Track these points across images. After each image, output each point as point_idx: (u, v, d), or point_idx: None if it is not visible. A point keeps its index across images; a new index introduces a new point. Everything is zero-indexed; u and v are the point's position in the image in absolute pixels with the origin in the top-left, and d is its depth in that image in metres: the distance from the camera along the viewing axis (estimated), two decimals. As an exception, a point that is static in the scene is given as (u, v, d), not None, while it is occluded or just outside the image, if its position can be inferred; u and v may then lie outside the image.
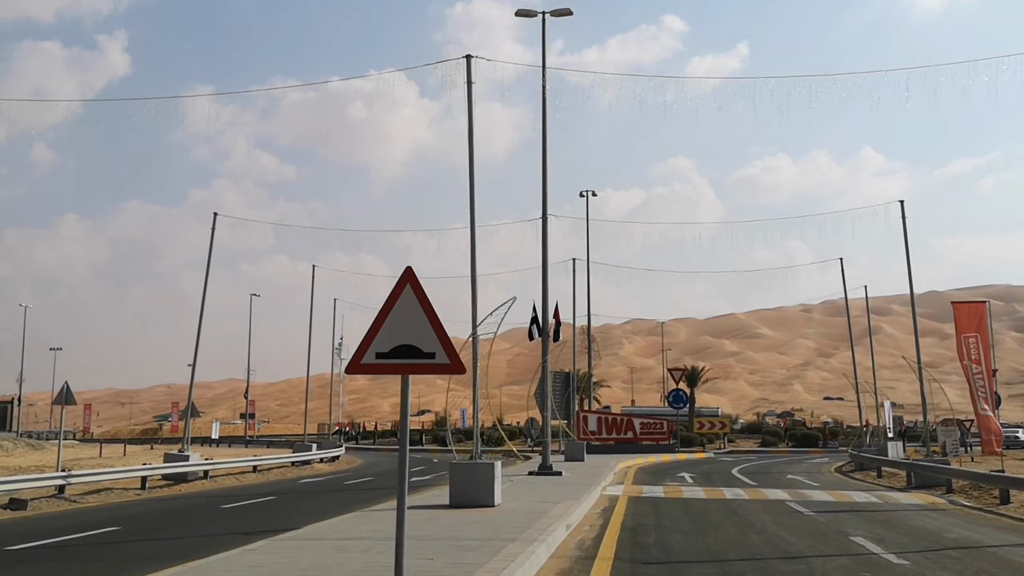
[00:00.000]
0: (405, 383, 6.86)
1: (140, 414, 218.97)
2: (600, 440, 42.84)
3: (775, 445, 52.15)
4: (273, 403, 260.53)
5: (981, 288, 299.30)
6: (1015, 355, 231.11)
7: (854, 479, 27.68)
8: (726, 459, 39.92)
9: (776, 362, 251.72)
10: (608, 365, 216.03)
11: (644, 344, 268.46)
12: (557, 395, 37.78)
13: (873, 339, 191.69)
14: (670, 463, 35.87)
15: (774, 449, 49.97)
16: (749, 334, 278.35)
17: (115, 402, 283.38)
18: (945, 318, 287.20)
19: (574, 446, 32.95)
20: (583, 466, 29.42)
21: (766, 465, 34.80)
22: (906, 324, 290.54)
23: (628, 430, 42.22)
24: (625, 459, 35.13)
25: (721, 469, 31.75)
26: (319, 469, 34.22)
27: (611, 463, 31.49)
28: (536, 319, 25.33)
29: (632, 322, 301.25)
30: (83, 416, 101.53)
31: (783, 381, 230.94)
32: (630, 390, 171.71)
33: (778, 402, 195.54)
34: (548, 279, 24.89)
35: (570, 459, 32.74)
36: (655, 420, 43.59)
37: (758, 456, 42.93)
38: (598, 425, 42.01)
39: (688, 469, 31.34)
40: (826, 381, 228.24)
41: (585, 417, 42.25)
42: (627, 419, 42.85)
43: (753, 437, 58.87)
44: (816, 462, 37.67)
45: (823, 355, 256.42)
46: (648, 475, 27.69)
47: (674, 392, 42.91)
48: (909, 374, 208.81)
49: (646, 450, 41.68)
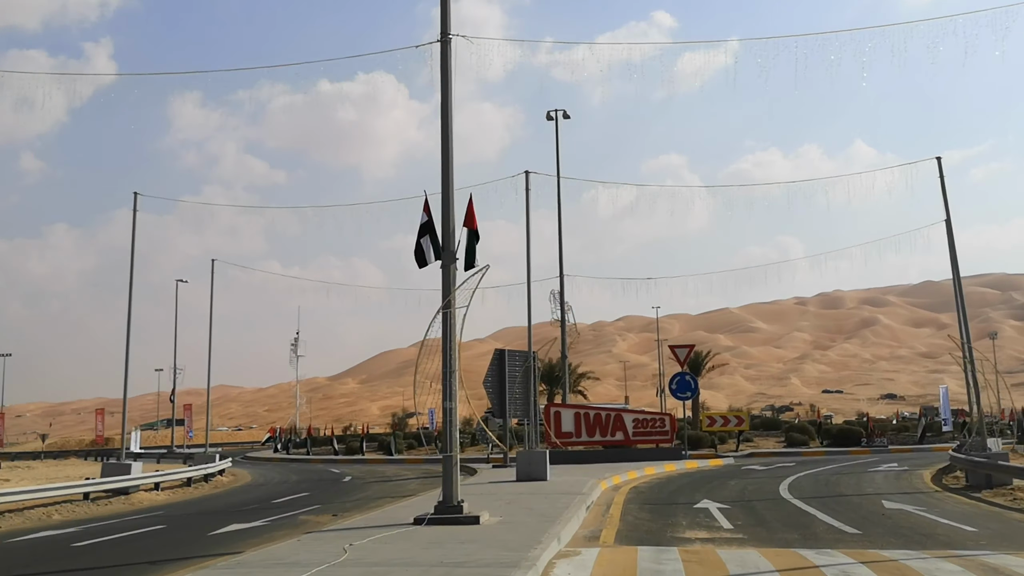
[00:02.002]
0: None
1: (126, 423, 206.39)
2: (580, 445, 30.74)
3: (804, 444, 40.11)
4: (261, 408, 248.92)
5: (978, 277, 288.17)
6: (1014, 343, 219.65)
7: (998, 505, 15.75)
8: (754, 467, 27.83)
9: (772, 356, 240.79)
10: (601, 362, 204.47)
11: (637, 341, 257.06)
12: (516, 385, 25.66)
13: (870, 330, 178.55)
14: (678, 477, 23.82)
15: (806, 450, 37.92)
16: (744, 328, 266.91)
17: (105, 411, 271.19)
18: (942, 308, 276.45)
19: (530, 458, 20.84)
20: (538, 491, 17.37)
21: (821, 478, 22.76)
22: (903, 315, 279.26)
23: (617, 430, 30.22)
24: (612, 472, 23.15)
25: (761, 488, 19.76)
26: (139, 502, 21.94)
27: (588, 482, 19.43)
28: (431, 226, 13.32)
29: (625, 319, 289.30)
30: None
31: (780, 375, 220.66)
32: (623, 387, 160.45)
33: (776, 396, 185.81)
34: (451, 132, 12.98)
35: (525, 478, 20.65)
36: (653, 416, 31.54)
37: (793, 461, 30.89)
38: (576, 424, 29.94)
39: (709, 490, 19.32)
40: (824, 374, 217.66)
41: (557, 414, 30.17)
42: (615, 415, 30.75)
43: (771, 434, 46.77)
44: (888, 470, 25.55)
45: (820, 348, 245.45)
46: (648, 510, 15.66)
47: (678, 377, 30.82)
48: (908, 364, 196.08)
49: (642, 457, 29.67)
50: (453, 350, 12.78)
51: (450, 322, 12.82)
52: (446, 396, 12.75)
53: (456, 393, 12.78)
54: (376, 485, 25.16)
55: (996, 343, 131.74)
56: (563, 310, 30.92)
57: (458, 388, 12.83)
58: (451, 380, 12.71)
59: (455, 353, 12.81)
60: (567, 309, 31.07)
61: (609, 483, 21.00)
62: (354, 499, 20.43)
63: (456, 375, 12.78)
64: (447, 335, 12.80)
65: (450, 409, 12.74)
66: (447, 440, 12.75)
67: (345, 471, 32.90)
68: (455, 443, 12.77)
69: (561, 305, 31.15)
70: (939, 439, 41.76)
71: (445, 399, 12.76)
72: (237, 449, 62.61)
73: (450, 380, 12.70)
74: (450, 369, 12.74)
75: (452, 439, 12.72)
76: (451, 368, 12.73)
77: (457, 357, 12.82)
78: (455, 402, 12.79)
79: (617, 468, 25.07)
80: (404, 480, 27.08)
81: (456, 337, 12.87)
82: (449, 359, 12.75)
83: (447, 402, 12.75)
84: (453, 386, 12.70)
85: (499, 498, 16.26)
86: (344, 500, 20.29)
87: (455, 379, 12.75)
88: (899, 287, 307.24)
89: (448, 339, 12.78)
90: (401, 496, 19.96)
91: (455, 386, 12.74)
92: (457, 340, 12.88)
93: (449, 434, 12.73)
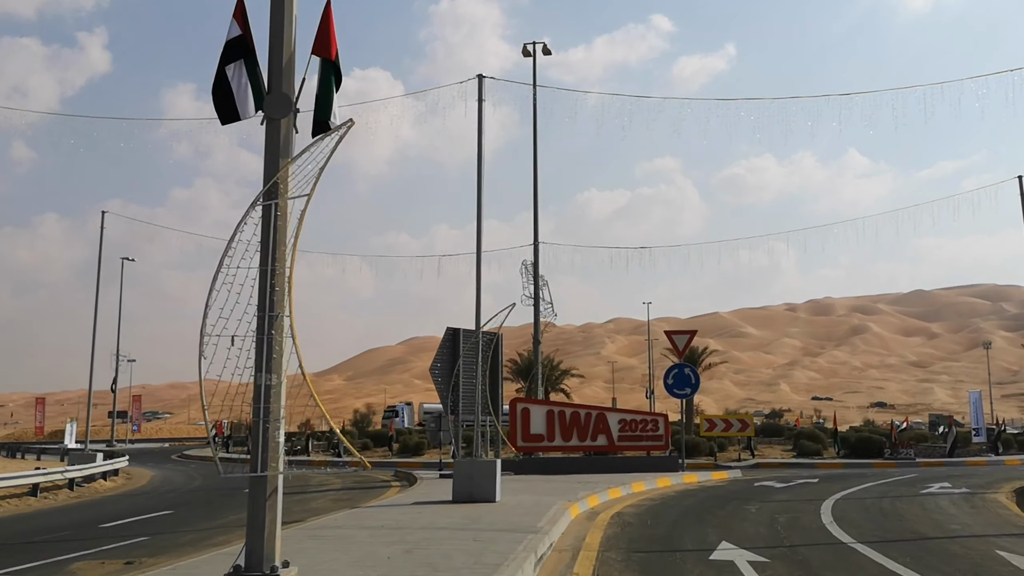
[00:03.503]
0: None
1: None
2: (553, 451, 24.63)
3: (817, 454, 34.03)
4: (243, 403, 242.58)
5: (968, 287, 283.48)
6: (1005, 354, 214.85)
7: None
8: (770, 484, 21.67)
9: (762, 361, 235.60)
10: (590, 364, 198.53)
11: (627, 343, 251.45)
12: (468, 371, 19.49)
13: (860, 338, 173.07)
14: (677, 498, 17.65)
15: (821, 461, 31.86)
16: (734, 333, 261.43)
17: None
18: (932, 317, 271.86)
19: (471, 471, 14.61)
20: (472, 523, 11.13)
21: (868, 503, 16.68)
22: (893, 323, 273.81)
23: (599, 433, 24.12)
24: (588, 488, 17.05)
25: (797, 519, 13.61)
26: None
27: (553, 506, 13.32)
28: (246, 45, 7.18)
29: (615, 321, 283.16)
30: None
31: (769, 381, 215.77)
32: (611, 389, 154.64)
33: (765, 402, 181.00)
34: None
35: (464, 499, 14.47)
36: (644, 418, 25.44)
37: (814, 476, 24.81)
38: (548, 424, 23.80)
39: (725, 523, 13.19)
40: (813, 381, 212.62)
41: (526, 411, 23.97)
42: (597, 415, 24.59)
43: (774, 441, 40.73)
44: (945, 492, 19.35)
45: (809, 354, 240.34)
46: (638, 564, 9.48)
47: (676, 370, 24.68)
48: (899, 373, 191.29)
49: (629, 466, 23.59)
50: (280, 273, 6.65)
51: (275, 222, 6.69)
52: (261, 363, 6.61)
53: (283, 359, 6.65)
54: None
55: (988, 354, 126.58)
56: (536, 285, 24.80)
57: (291, 347, 6.69)
58: (269, 334, 6.57)
59: (286, 283, 6.67)
60: (542, 285, 24.97)
61: (583, 506, 14.89)
62: (217, 524, 14.29)
63: (285, 323, 6.65)
64: (269, 246, 6.67)
65: (270, 387, 6.61)
66: (256, 447, 6.59)
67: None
68: (277, 453, 6.62)
69: (535, 279, 24.99)
70: (966, 451, 35.89)
71: (260, 368, 6.62)
72: (180, 446, 56.42)
73: (268, 335, 6.57)
74: (270, 313, 6.60)
75: (268, 445, 6.57)
76: (272, 311, 6.60)
77: (288, 291, 6.66)
78: (281, 374, 6.65)
79: (596, 482, 18.96)
80: (322, 491, 20.92)
81: (289, 251, 6.73)
82: (269, 293, 6.61)
83: (263, 375, 6.61)
84: (272, 345, 6.57)
85: (392, 540, 10.07)
86: (201, 526, 14.14)
87: (282, 329, 6.62)
88: (889, 295, 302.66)
89: (270, 251, 6.64)
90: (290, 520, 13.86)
91: (280, 343, 6.61)
92: (289, 255, 6.73)
93: (262, 436, 6.57)
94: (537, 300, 24.65)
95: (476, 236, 16.45)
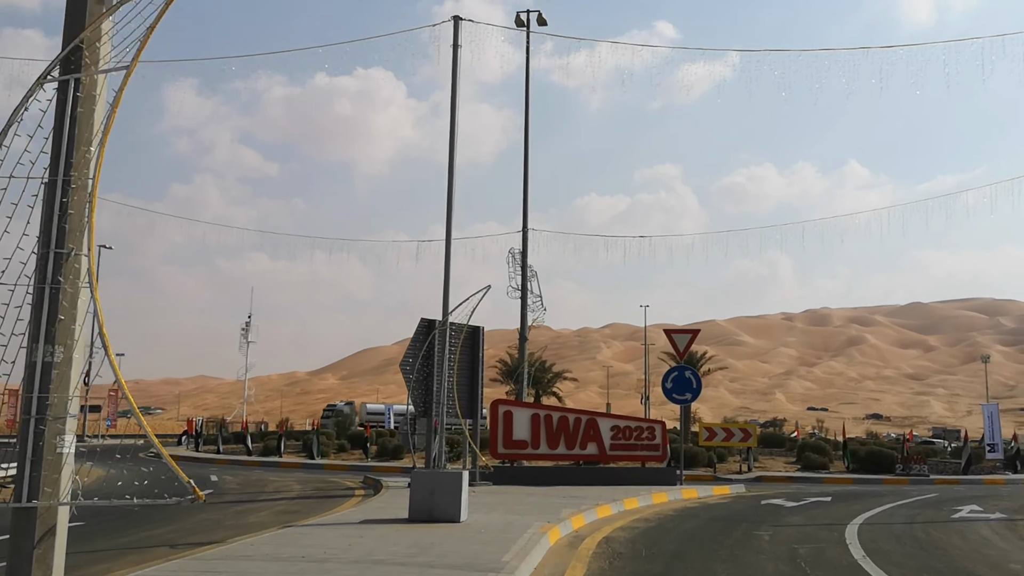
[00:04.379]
0: None
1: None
2: (537, 459, 22.18)
3: (824, 468, 31.55)
4: (237, 400, 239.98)
5: (966, 301, 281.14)
6: (1002, 368, 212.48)
7: None
8: (779, 502, 19.20)
9: (758, 370, 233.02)
10: (585, 369, 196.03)
11: (623, 349, 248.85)
12: (451, 369, 17.02)
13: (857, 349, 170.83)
14: (676, 520, 15.19)
15: (828, 476, 29.37)
16: (730, 341, 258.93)
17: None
18: (930, 330, 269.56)
19: (432, 484, 12.12)
20: (420, 553, 8.61)
21: (899, 531, 14.23)
22: (890, 335, 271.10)
23: (589, 440, 21.67)
24: (573, 505, 14.62)
25: (821, 552, 11.14)
26: None
27: (529, 528, 10.85)
28: None
29: (611, 326, 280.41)
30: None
31: (765, 390, 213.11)
32: (606, 394, 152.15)
33: (760, 411, 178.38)
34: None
35: (423, 517, 12.00)
36: (639, 425, 22.95)
37: (826, 494, 22.37)
38: (533, 429, 21.34)
39: (734, 555, 10.72)
40: (809, 391, 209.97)
41: (508, 414, 21.46)
42: (588, 420, 22.11)
43: (775, 452, 38.24)
44: (978, 516, 16.85)
45: (806, 364, 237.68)
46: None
47: (676, 373, 22.19)
48: (895, 385, 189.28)
49: (621, 478, 21.15)
50: (79, 188, 4.21)
51: (73, 108, 4.24)
52: (39, 328, 4.16)
53: (77, 323, 4.21)
54: (212, 511, 16.23)
55: (985, 369, 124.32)
56: (524, 274, 22.30)
57: (90, 305, 4.23)
58: (55, 283, 4.12)
59: (86, 204, 4.23)
60: (531, 275, 22.48)
61: (565, 528, 12.44)
62: (121, 542, 11.83)
63: (83, 265, 4.21)
64: (62, 147, 4.22)
65: (51, 365, 4.15)
66: (24, 462, 4.14)
67: (224, 479, 24.28)
68: (59, 471, 4.18)
69: (523, 268, 22.49)
70: (981, 467, 33.41)
71: (36, 337, 4.17)
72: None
73: (53, 283, 4.12)
74: (57, 249, 4.16)
75: (41, 458, 4.12)
76: (60, 247, 4.16)
77: (90, 216, 4.22)
78: (73, 346, 4.20)
79: (584, 497, 16.50)
80: (273, 500, 18.42)
81: (95, 154, 4.29)
82: (58, 219, 4.16)
83: (39, 346, 4.16)
84: (57, 300, 4.12)
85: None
86: (100, 545, 11.68)
87: (77, 276, 4.18)
88: (886, 307, 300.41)
89: (62, 154, 4.20)
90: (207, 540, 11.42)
91: (73, 297, 4.17)
92: (94, 162, 4.29)
93: (32, 444, 4.12)
94: (524, 290, 22.19)
95: (447, 194, 14.03)
